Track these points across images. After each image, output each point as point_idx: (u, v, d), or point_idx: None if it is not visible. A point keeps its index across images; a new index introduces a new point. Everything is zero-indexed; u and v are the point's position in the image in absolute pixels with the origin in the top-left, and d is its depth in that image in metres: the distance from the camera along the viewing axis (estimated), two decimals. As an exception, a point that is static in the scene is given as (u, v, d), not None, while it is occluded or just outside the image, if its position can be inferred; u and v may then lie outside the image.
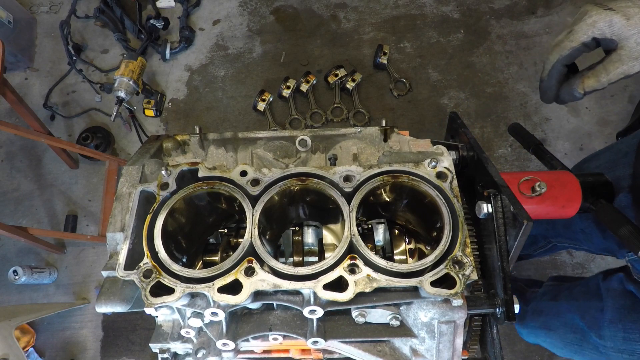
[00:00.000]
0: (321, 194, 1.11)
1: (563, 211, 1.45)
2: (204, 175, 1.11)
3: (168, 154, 1.35)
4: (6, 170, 3.47)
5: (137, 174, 1.18)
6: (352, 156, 1.35)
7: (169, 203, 1.07)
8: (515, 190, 1.39)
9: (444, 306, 1.04)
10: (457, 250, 1.00)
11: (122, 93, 2.93)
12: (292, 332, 1.08)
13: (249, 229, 1.03)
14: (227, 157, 1.35)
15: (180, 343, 1.15)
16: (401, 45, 3.66)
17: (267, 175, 1.10)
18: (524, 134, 1.75)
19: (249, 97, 3.54)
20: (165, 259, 0.99)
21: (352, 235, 1.01)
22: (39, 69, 3.77)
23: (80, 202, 3.36)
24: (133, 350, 2.99)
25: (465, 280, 0.96)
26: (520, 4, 3.73)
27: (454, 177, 1.10)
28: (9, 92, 2.50)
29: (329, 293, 0.96)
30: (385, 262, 0.98)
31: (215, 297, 0.95)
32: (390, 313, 1.08)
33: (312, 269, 0.98)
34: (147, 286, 0.96)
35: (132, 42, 3.78)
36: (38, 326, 3.04)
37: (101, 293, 1.01)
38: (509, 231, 1.10)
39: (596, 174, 1.52)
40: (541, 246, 2.07)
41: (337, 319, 1.11)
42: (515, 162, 3.27)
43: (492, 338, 1.21)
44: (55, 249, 3.13)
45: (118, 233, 1.09)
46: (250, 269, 0.98)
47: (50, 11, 3.98)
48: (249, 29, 3.80)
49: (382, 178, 1.09)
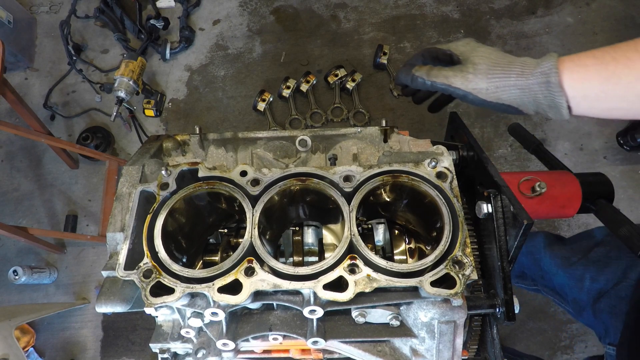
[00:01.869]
0: (321, 194, 1.11)
1: (563, 211, 1.45)
2: (204, 175, 1.11)
3: (168, 154, 1.36)
4: (6, 170, 3.47)
5: (137, 174, 1.18)
6: (352, 156, 1.35)
7: (169, 203, 1.07)
8: (515, 190, 1.40)
9: (444, 306, 1.04)
10: (457, 250, 1.00)
11: (122, 93, 2.93)
12: (292, 332, 1.08)
13: (249, 229, 1.03)
14: (227, 157, 1.35)
15: (180, 343, 1.15)
16: (401, 45, 3.66)
17: (267, 175, 1.10)
18: (524, 134, 1.75)
19: (249, 97, 3.54)
20: (165, 259, 0.99)
21: (352, 235, 1.01)
22: (39, 69, 3.77)
23: (80, 202, 3.36)
24: (133, 350, 2.99)
25: (465, 280, 0.96)
26: (520, 4, 3.73)
27: (454, 177, 1.10)
28: (9, 92, 2.50)
29: (329, 293, 0.96)
30: (385, 262, 0.98)
31: (215, 297, 0.95)
32: (390, 313, 1.08)
33: (312, 269, 0.98)
34: (147, 286, 0.96)
35: (132, 42, 3.78)
36: (38, 326, 3.04)
37: (101, 293, 1.01)
38: (509, 231, 1.10)
39: (596, 173, 1.52)
40: (526, 284, 2.08)
41: (337, 319, 1.12)
42: (515, 162, 3.27)
43: (492, 338, 1.21)
44: (55, 249, 3.13)
45: (118, 233, 1.09)
46: (250, 269, 0.98)
47: (50, 11, 3.98)
48: (249, 29, 3.80)
49: (382, 178, 1.09)
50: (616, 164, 3.23)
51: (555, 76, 0.95)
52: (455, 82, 1.07)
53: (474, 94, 1.05)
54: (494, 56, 1.05)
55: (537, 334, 2.89)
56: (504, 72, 1.02)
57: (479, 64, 1.05)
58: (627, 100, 0.91)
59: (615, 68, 0.90)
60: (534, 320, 2.94)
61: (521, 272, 2.05)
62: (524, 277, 2.05)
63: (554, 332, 2.88)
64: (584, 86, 0.94)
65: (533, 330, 2.92)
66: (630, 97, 0.90)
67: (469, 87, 1.05)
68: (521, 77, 1.00)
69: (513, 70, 1.01)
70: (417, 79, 1.13)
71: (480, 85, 1.04)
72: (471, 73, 1.05)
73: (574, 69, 0.95)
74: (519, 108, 1.04)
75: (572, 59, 0.96)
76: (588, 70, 0.93)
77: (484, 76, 1.03)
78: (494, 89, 1.03)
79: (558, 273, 1.76)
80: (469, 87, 1.05)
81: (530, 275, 2.00)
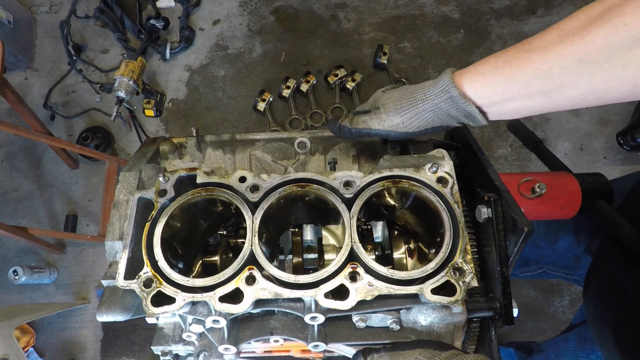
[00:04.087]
0: (321, 199, 1.11)
1: (563, 212, 1.45)
2: (202, 182, 1.10)
3: (165, 157, 1.35)
4: (6, 170, 3.47)
5: (134, 180, 1.17)
6: (352, 158, 1.35)
7: (168, 210, 1.07)
8: (515, 192, 1.39)
9: (444, 311, 1.05)
10: (457, 257, 0.99)
11: (122, 93, 2.93)
12: (293, 335, 1.08)
13: (249, 237, 1.03)
14: (225, 159, 1.35)
15: (182, 345, 1.15)
16: (401, 45, 3.66)
17: (266, 181, 1.09)
18: (524, 131, 1.74)
19: (249, 97, 3.54)
20: (165, 267, 0.99)
21: (353, 242, 1.01)
22: (39, 69, 3.77)
23: (80, 202, 3.36)
24: (133, 350, 3.00)
25: (465, 287, 0.96)
26: (520, 4, 3.72)
27: (455, 182, 1.10)
28: (9, 92, 2.50)
29: (330, 302, 0.96)
30: (386, 270, 0.98)
31: (216, 306, 0.95)
32: (391, 317, 1.08)
33: (313, 277, 0.98)
34: (147, 296, 0.95)
35: (132, 42, 3.77)
36: (38, 326, 3.05)
37: (102, 302, 1.01)
38: (509, 236, 1.09)
39: (595, 174, 1.52)
40: (531, 270, 2.08)
41: (338, 323, 1.11)
42: (515, 162, 3.26)
43: (490, 340, 1.21)
44: (55, 249, 3.13)
45: (117, 241, 1.08)
46: (251, 278, 0.98)
47: (50, 11, 3.98)
48: (249, 29, 3.79)
49: (382, 183, 1.09)
50: (616, 163, 3.23)
51: (454, 90, 1.01)
52: (373, 125, 1.15)
53: (394, 129, 1.13)
54: (397, 94, 1.14)
55: (537, 334, 2.89)
56: (409, 102, 1.10)
57: (386, 104, 1.14)
58: (531, 97, 0.95)
59: (510, 70, 0.94)
60: (534, 320, 2.94)
61: (524, 260, 2.05)
62: (528, 264, 2.05)
63: (554, 332, 2.88)
64: (487, 92, 1.00)
65: (533, 330, 2.92)
66: (532, 94, 0.94)
67: (385, 125, 1.13)
68: (426, 101, 1.08)
69: (416, 98, 1.09)
70: (344, 128, 1.21)
71: (395, 121, 1.12)
72: (383, 113, 1.13)
73: (473, 79, 1.01)
74: (442, 126, 1.11)
75: (470, 70, 1.02)
76: (486, 77, 0.98)
77: (395, 112, 1.12)
78: (408, 120, 1.11)
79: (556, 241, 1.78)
80: (385, 125, 1.13)
81: (533, 259, 2.00)
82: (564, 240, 1.75)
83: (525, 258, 2.02)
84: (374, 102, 1.20)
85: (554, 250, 1.82)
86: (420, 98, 1.08)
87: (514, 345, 2.52)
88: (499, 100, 1.00)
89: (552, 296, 3.00)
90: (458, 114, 1.06)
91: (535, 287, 3.01)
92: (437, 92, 1.05)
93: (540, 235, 1.82)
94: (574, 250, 1.71)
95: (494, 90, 0.99)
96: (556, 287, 3.01)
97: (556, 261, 1.85)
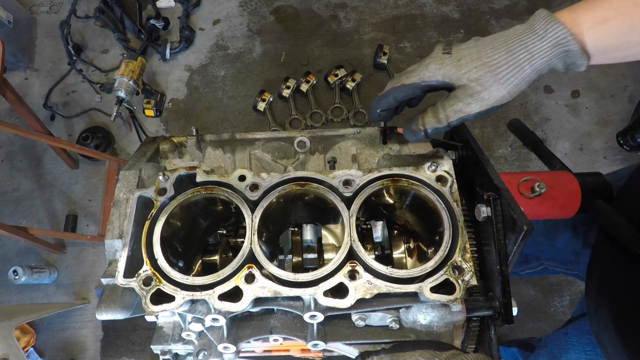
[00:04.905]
0: (320, 198, 1.11)
1: (563, 212, 1.45)
2: (202, 181, 1.10)
3: (165, 156, 1.35)
4: (6, 170, 3.47)
5: (134, 179, 1.17)
6: (351, 157, 1.35)
7: (167, 209, 1.07)
8: (515, 191, 1.39)
9: (443, 310, 1.05)
10: (456, 255, 1.00)
11: (122, 93, 2.94)
12: (292, 334, 1.08)
13: (249, 235, 1.03)
14: (225, 159, 1.35)
15: (182, 344, 1.15)
16: (401, 45, 3.66)
17: (266, 179, 1.10)
18: (524, 131, 1.74)
19: (249, 97, 3.54)
20: (165, 266, 0.99)
21: (352, 241, 1.01)
22: (39, 69, 3.77)
23: (80, 202, 3.36)
24: (133, 350, 3.00)
25: (464, 286, 0.96)
26: (520, 4, 3.72)
27: (454, 181, 1.10)
28: (9, 92, 2.50)
29: (329, 300, 0.96)
30: (385, 269, 0.98)
31: (216, 304, 0.95)
32: (390, 316, 1.08)
33: (313, 275, 0.98)
34: (147, 294, 0.95)
35: (132, 42, 3.77)
36: (38, 326, 3.05)
37: (101, 300, 1.01)
38: (509, 235, 1.09)
39: (595, 174, 1.52)
40: (531, 267, 2.08)
41: (337, 322, 1.12)
42: (515, 162, 3.26)
43: (490, 339, 1.21)
44: (55, 249, 3.13)
45: (116, 240, 1.08)
46: (251, 276, 0.98)
47: (50, 11, 3.98)
48: (249, 29, 3.79)
49: (382, 182, 1.09)
50: (616, 163, 3.23)
51: (574, 44, 0.87)
52: (473, 109, 0.96)
53: (499, 104, 0.95)
54: (483, 56, 0.94)
55: (537, 334, 2.89)
56: (512, 67, 0.91)
57: (480, 77, 0.93)
58: None
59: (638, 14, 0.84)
60: (533, 320, 2.94)
61: (525, 257, 2.05)
62: (528, 261, 2.05)
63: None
64: (606, 43, 0.88)
65: (533, 330, 2.92)
66: None
67: (490, 103, 0.95)
68: (533, 60, 0.90)
69: (520, 59, 0.91)
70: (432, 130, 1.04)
71: (500, 94, 0.94)
72: (481, 91, 0.94)
73: (596, 29, 0.87)
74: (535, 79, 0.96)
75: (587, 15, 0.87)
76: (611, 26, 0.86)
77: (497, 83, 0.93)
78: (515, 88, 0.93)
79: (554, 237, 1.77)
80: (490, 103, 0.95)
81: (533, 255, 2.00)
82: (562, 235, 1.75)
83: (526, 255, 2.01)
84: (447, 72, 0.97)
85: (553, 246, 1.82)
86: (526, 58, 0.90)
87: (515, 344, 2.52)
88: (613, 48, 0.88)
89: (552, 296, 3.00)
90: (562, 66, 0.92)
91: (535, 287, 3.01)
92: (546, 47, 0.88)
93: (539, 231, 1.82)
94: (572, 245, 1.71)
95: (616, 40, 0.87)
96: (556, 287, 3.01)
97: (556, 256, 1.85)
